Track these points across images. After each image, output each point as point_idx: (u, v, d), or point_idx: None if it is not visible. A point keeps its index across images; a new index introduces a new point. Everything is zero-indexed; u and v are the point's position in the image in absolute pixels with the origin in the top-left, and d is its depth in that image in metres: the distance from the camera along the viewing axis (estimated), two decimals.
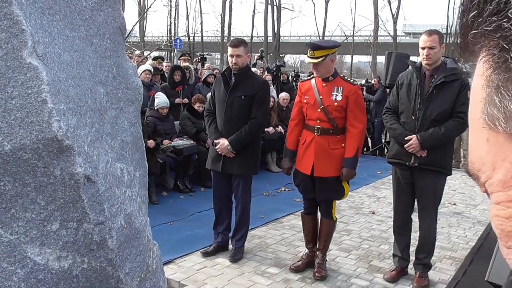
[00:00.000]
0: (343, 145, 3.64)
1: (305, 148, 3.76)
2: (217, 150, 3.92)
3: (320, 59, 3.57)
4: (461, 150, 9.63)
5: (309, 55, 3.63)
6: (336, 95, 3.63)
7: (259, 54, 10.80)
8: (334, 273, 3.90)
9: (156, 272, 2.09)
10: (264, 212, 5.43)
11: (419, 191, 3.69)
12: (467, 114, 2.16)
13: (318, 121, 3.70)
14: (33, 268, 1.60)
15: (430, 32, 3.53)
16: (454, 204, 6.42)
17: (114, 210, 1.76)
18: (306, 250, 4.01)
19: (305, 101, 3.80)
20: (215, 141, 3.98)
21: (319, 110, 3.68)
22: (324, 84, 3.70)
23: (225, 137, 3.92)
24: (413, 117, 3.59)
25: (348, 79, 3.78)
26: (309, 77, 3.92)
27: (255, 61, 10.78)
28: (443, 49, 3.56)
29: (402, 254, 3.85)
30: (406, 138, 3.56)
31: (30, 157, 1.53)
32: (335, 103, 3.62)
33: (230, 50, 3.93)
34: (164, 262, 2.96)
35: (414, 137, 3.53)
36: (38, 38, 1.56)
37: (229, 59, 3.98)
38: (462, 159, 9.63)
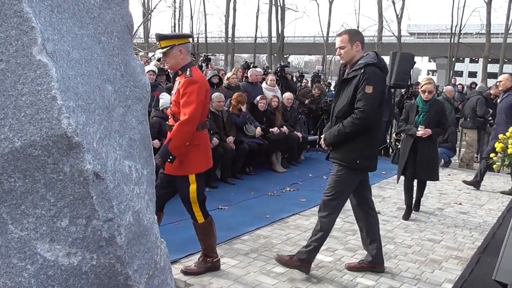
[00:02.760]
0: (187, 142, 3.48)
1: None
2: None
3: (166, 49, 3.51)
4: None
5: (159, 47, 3.60)
6: (175, 89, 3.57)
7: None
8: (339, 272, 3.89)
9: (164, 269, 2.10)
10: (269, 212, 5.44)
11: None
12: (361, 109, 2.25)
13: (169, 117, 3.66)
14: (43, 264, 1.61)
15: (340, 33, 3.72)
16: (460, 204, 6.40)
17: (122, 207, 1.77)
18: None
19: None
20: None
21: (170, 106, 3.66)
22: (176, 79, 3.66)
23: None
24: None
25: (189, 72, 3.50)
26: None
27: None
28: (358, 46, 3.62)
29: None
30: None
31: (40, 153, 1.54)
32: (172, 98, 3.59)
33: None
34: (170, 261, 2.96)
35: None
36: (48, 36, 1.57)
37: None
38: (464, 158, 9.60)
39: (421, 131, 5.27)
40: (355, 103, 3.51)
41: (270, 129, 7.82)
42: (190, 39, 3.72)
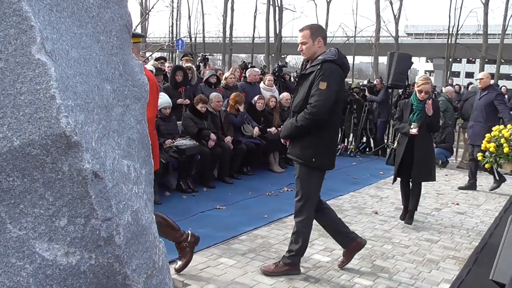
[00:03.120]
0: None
1: None
2: None
3: None
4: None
5: None
6: None
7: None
8: (337, 272, 3.90)
9: (162, 269, 2.10)
10: (267, 212, 5.44)
11: None
12: (312, 105, 2.32)
13: None
14: (42, 263, 1.61)
15: (302, 28, 3.69)
16: (457, 204, 6.42)
17: (121, 206, 1.77)
18: None
19: None
20: None
21: None
22: None
23: None
24: None
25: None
26: None
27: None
28: (320, 42, 3.61)
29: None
30: None
31: (38, 152, 1.54)
32: None
33: None
34: (168, 261, 2.96)
35: None
36: (47, 35, 1.57)
37: None
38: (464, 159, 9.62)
39: (414, 130, 5.20)
40: (309, 99, 3.49)
41: (268, 129, 7.82)
42: (142, 39, 3.76)
